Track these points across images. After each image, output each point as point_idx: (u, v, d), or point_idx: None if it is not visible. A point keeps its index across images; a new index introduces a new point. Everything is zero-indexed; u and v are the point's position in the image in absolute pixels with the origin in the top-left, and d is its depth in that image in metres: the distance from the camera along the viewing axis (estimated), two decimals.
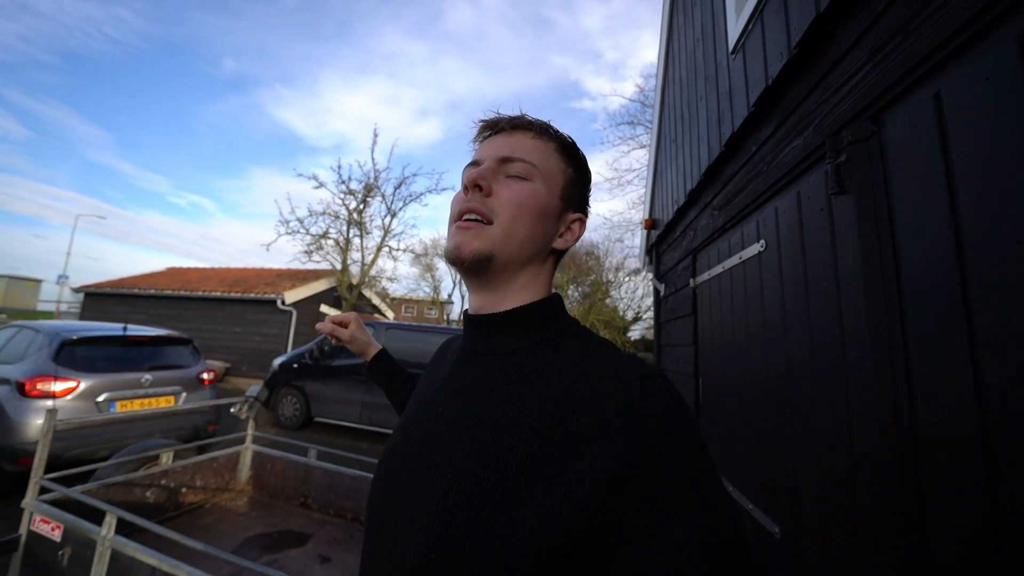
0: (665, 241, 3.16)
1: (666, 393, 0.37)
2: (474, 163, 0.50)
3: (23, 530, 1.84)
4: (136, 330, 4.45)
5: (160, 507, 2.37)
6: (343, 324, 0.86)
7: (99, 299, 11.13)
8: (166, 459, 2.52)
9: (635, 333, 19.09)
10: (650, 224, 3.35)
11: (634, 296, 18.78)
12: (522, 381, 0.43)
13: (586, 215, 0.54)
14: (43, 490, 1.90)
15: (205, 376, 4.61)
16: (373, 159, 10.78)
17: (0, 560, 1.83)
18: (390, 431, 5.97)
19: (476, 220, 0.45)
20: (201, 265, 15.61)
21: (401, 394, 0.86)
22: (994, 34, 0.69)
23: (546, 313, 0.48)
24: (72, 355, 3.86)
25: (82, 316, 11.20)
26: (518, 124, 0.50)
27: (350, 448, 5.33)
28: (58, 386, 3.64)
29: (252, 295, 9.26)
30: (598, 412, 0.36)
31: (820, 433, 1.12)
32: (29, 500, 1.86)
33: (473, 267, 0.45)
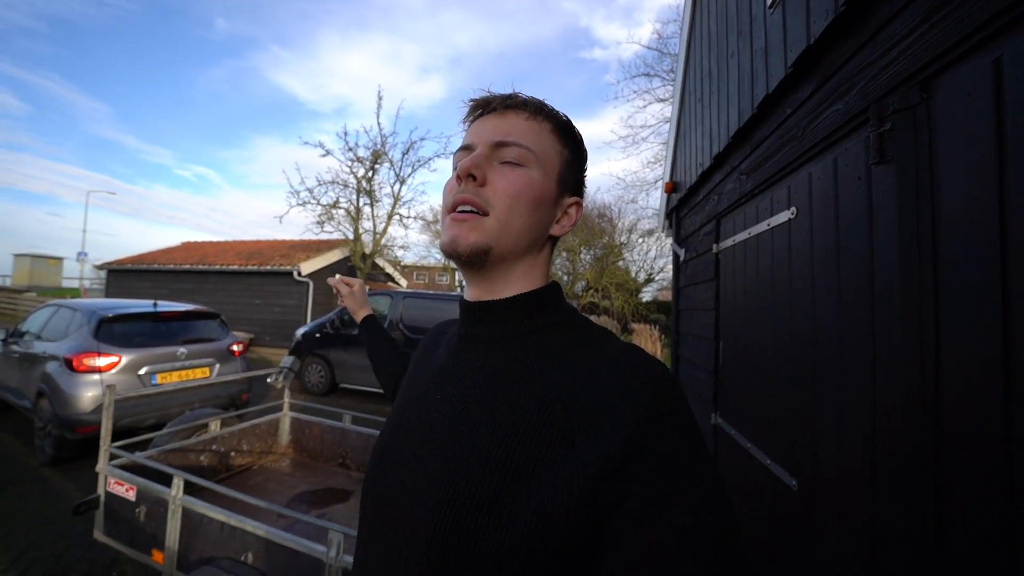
0: (686, 205, 3.11)
1: (664, 381, 0.38)
2: (465, 147, 0.48)
3: (100, 491, 2.04)
4: (166, 306, 4.64)
5: (214, 469, 2.60)
6: (349, 285, 1.02)
7: (122, 275, 11.46)
8: (214, 426, 2.72)
9: (647, 295, 19.08)
10: (671, 187, 3.29)
11: (646, 258, 18.60)
12: (522, 367, 0.43)
13: (583, 197, 0.53)
14: (111, 456, 2.09)
15: (235, 348, 4.83)
16: (379, 123, 10.50)
17: (86, 516, 2.05)
18: None
19: (471, 212, 0.44)
20: (215, 239, 15.82)
21: (386, 366, 0.88)
22: None
23: (545, 301, 0.48)
24: (110, 331, 4.07)
25: (107, 293, 11.59)
26: (511, 103, 0.47)
27: (377, 412, 5.62)
28: (102, 361, 3.87)
29: (269, 267, 9.45)
30: (599, 399, 0.37)
31: (843, 395, 1.17)
32: (103, 465, 2.05)
33: (471, 260, 0.45)
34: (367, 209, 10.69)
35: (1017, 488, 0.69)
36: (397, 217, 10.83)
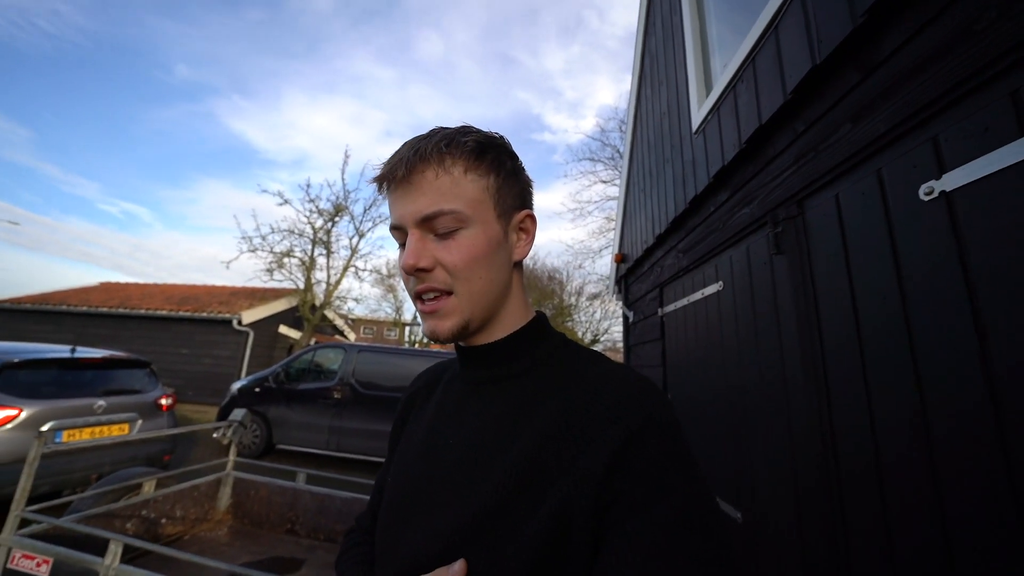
0: (634, 274, 3.57)
1: (652, 394, 0.41)
2: (396, 228, 0.47)
3: None
4: (86, 352, 4.17)
5: (139, 540, 2.29)
6: None
7: (13, 316, 9.95)
8: (148, 487, 2.45)
9: None
10: (620, 258, 3.76)
11: (592, 319, 19.57)
12: (525, 402, 0.45)
13: (531, 206, 0.51)
14: (22, 523, 1.83)
15: (164, 401, 4.38)
16: (343, 179, 10.69)
17: None
18: (359, 457, 5.82)
19: (436, 296, 0.45)
20: (134, 280, 14.42)
21: None
22: (865, 165, 1.08)
23: (537, 334, 0.50)
24: (13, 380, 3.57)
25: None
26: (413, 166, 0.44)
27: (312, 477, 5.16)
28: None
29: (205, 314, 8.76)
30: (595, 417, 0.39)
31: (768, 437, 1.45)
32: (8, 535, 1.79)
33: (457, 339, 0.47)
34: (322, 260, 10.53)
35: (890, 516, 0.97)
36: (353, 269, 10.73)
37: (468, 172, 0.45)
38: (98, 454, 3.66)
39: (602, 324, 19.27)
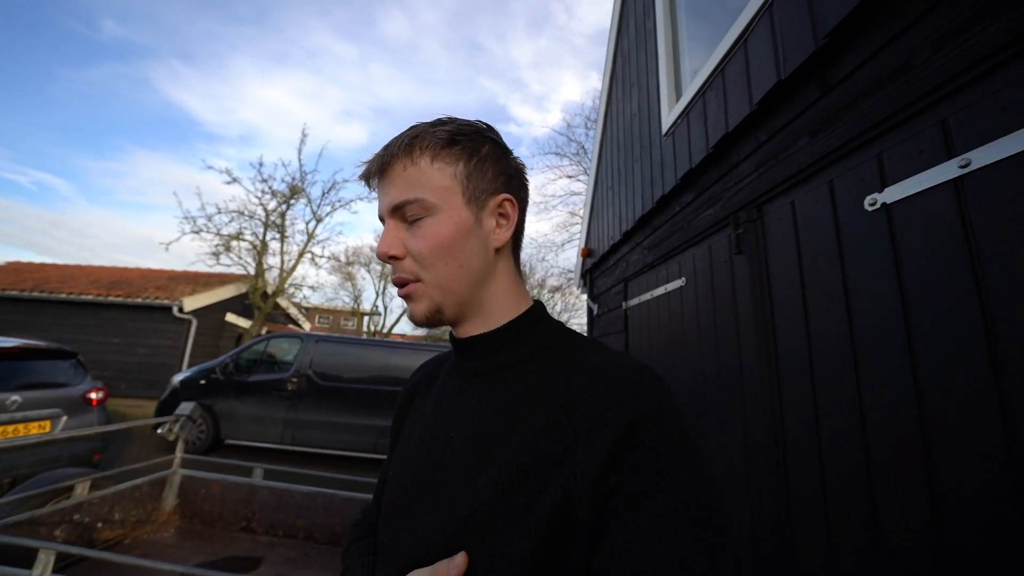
0: (599, 268, 3.69)
1: (651, 383, 0.41)
2: (381, 218, 0.50)
3: None
4: None
5: (72, 546, 2.10)
6: None
7: None
8: (81, 490, 2.24)
9: None
10: (587, 253, 3.87)
11: (553, 311, 19.96)
12: (525, 392, 0.45)
13: (515, 191, 0.51)
14: None
15: (93, 395, 4.00)
16: (300, 160, 10.08)
17: None
18: (316, 451, 5.64)
19: (408, 284, 0.47)
20: (51, 260, 12.90)
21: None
22: (819, 176, 1.19)
23: (533, 323, 0.50)
24: None
25: None
26: (385, 162, 0.47)
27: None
28: None
29: (140, 300, 8.01)
30: (595, 406, 0.40)
31: (724, 424, 1.58)
32: None
33: (432, 323, 0.48)
34: (275, 244, 9.93)
35: (828, 490, 1.10)
36: (309, 255, 10.22)
37: (435, 161, 0.47)
38: (12, 455, 3.29)
39: (563, 316, 19.71)
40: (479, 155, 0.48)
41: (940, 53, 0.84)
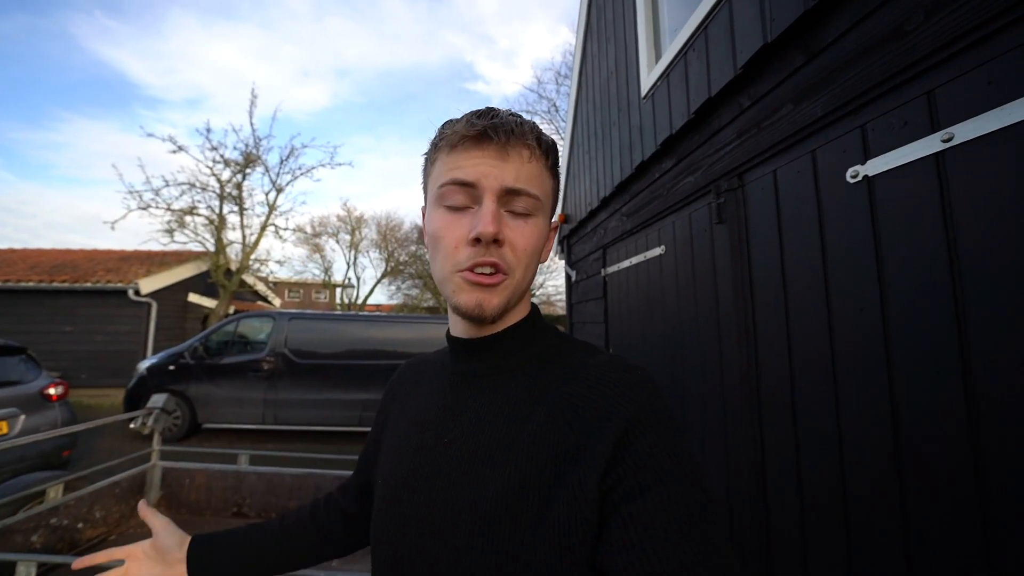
0: (577, 234, 3.67)
1: (645, 385, 0.43)
2: (464, 184, 0.44)
3: None
4: None
5: (53, 551, 2.04)
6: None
7: None
8: (54, 493, 2.15)
9: None
10: (563, 219, 3.83)
11: None
12: (526, 396, 0.45)
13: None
14: None
15: (52, 391, 3.78)
16: (252, 124, 9.25)
17: None
18: (300, 428, 5.64)
19: (493, 272, 0.44)
20: None
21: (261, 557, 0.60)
22: (802, 145, 1.18)
23: (534, 327, 0.51)
24: None
25: None
26: (516, 134, 0.44)
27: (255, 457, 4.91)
28: None
29: (89, 284, 7.46)
30: (594, 409, 0.41)
31: (702, 383, 1.66)
32: None
33: (496, 319, 0.46)
34: (233, 218, 9.33)
35: (800, 436, 1.17)
36: (272, 228, 9.69)
37: (548, 168, 0.48)
38: None
39: (538, 279, 19.88)
40: (559, 178, 0.51)
41: (933, 19, 0.82)
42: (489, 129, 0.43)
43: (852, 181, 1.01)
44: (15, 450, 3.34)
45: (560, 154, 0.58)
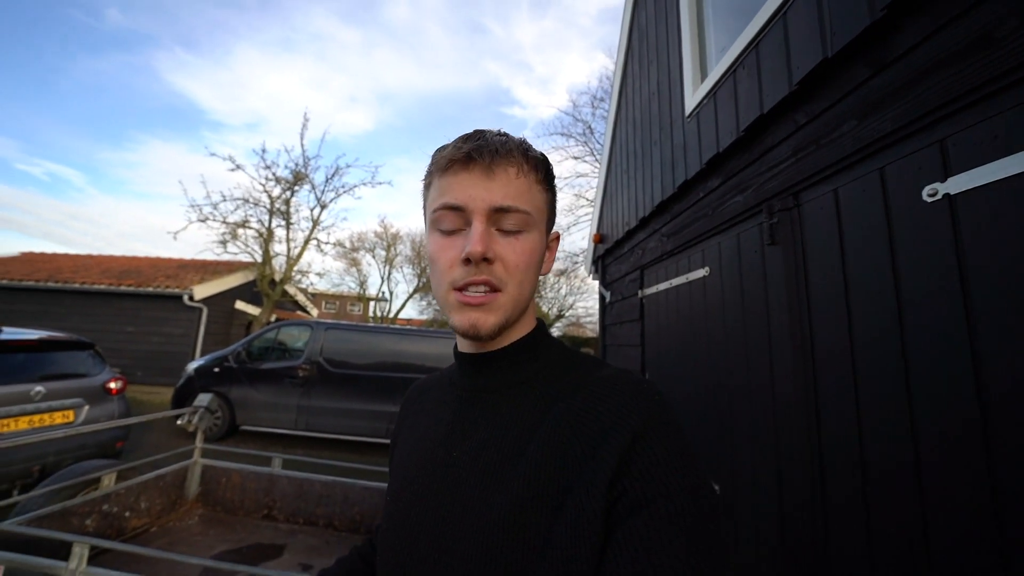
0: (612, 254, 3.61)
1: (652, 398, 0.42)
2: (453, 208, 0.45)
3: None
4: (16, 333, 3.76)
5: (102, 537, 2.15)
6: None
7: None
8: (108, 481, 2.28)
9: (556, 330, 20.24)
10: (599, 239, 3.78)
11: (558, 295, 19.92)
12: (535, 410, 0.45)
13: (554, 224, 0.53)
14: None
15: (112, 384, 4.07)
16: (303, 145, 9.90)
17: None
18: (330, 436, 5.74)
19: (486, 291, 0.44)
20: (66, 250, 13.05)
21: None
22: (867, 163, 1.11)
23: (540, 342, 0.51)
24: None
25: None
26: (499, 155, 0.44)
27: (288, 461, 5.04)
28: None
29: (151, 289, 8.08)
30: (601, 422, 0.41)
31: (752, 417, 1.54)
32: None
33: (494, 336, 0.46)
34: (280, 232, 9.91)
35: (870, 483, 1.05)
36: (315, 242, 10.20)
37: (539, 182, 0.48)
38: (40, 444, 3.36)
39: (567, 300, 19.69)
40: (553, 190, 0.52)
41: None
42: (474, 152, 0.44)
43: (930, 200, 0.92)
44: (78, 438, 3.60)
45: (599, 173, 0.57)
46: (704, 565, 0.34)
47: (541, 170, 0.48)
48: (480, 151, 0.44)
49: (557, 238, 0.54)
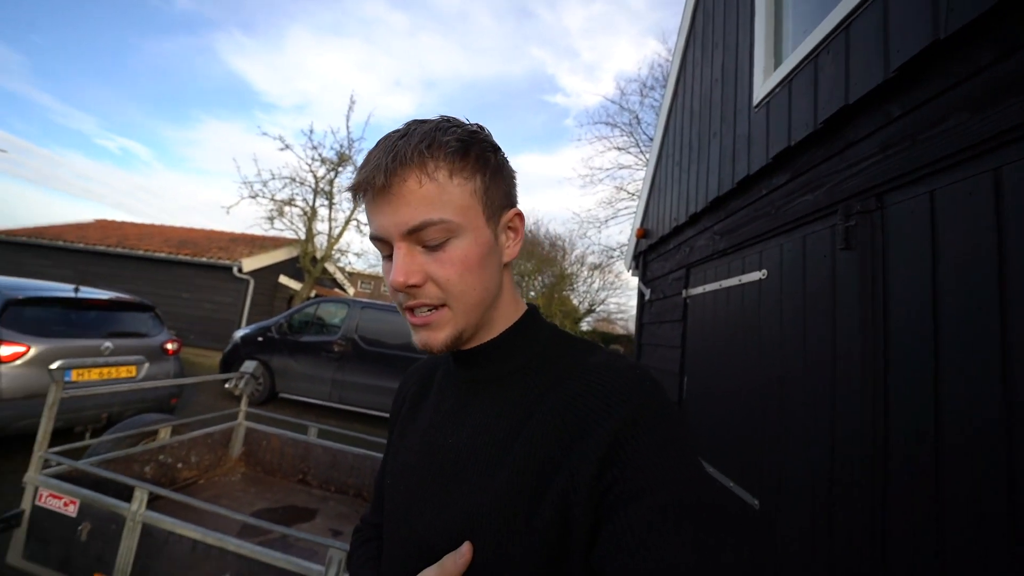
0: (655, 251, 3.47)
1: (644, 382, 0.41)
2: (378, 239, 0.44)
3: (26, 505, 1.78)
4: (89, 292, 4.11)
5: (156, 483, 2.34)
6: None
7: (9, 248, 9.78)
8: (164, 434, 2.47)
9: (586, 324, 19.98)
10: (642, 233, 3.65)
11: (591, 289, 19.59)
12: (526, 398, 0.45)
13: (517, 201, 0.49)
14: (45, 464, 1.84)
15: (170, 346, 4.39)
16: (348, 127, 10.18)
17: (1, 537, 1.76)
18: (360, 410, 5.95)
19: (428, 310, 0.44)
20: (136, 220, 14.15)
21: None
22: (978, 161, 0.97)
23: (529, 329, 0.50)
24: (19, 316, 3.53)
25: None
26: (394, 172, 0.40)
27: (335, 426, 5.29)
28: (4, 350, 3.33)
29: (205, 259, 8.64)
30: (590, 406, 0.40)
31: (807, 432, 1.44)
32: (33, 474, 1.80)
33: (449, 350, 0.46)
34: (323, 211, 10.27)
35: (945, 507, 0.95)
36: (355, 222, 10.51)
37: (454, 176, 0.42)
38: (108, 395, 3.69)
39: (600, 295, 19.33)
40: (490, 167, 0.45)
41: None
42: (366, 182, 0.41)
43: None
44: (140, 392, 3.93)
45: (648, 166, 0.51)
46: (700, 555, 0.32)
47: (456, 159, 0.42)
48: (371, 177, 0.41)
49: (518, 215, 0.48)
